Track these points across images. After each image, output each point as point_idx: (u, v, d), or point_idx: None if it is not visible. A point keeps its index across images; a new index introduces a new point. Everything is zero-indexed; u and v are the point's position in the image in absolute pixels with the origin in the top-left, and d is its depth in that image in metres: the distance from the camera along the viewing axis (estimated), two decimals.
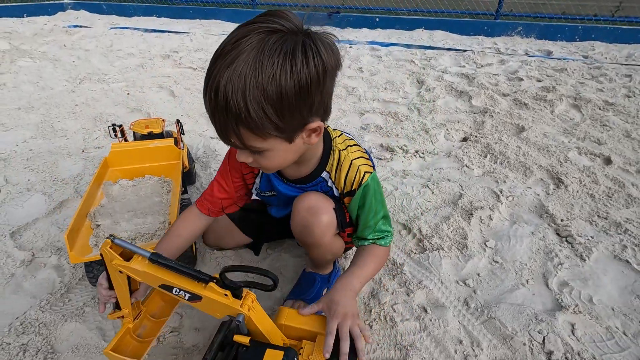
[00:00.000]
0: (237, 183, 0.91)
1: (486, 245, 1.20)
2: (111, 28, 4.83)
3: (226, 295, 0.62)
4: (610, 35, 4.19)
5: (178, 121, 1.38)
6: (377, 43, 4.10)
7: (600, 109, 2.29)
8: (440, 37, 4.53)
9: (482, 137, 1.93)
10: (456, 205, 1.40)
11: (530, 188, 1.52)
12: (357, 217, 0.86)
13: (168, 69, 3.03)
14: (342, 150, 0.82)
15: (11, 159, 1.60)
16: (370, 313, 0.95)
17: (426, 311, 0.96)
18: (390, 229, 0.89)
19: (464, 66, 3.27)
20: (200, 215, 0.91)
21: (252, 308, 0.64)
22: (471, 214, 1.33)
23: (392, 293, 1.01)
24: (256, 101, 0.57)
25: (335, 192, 0.85)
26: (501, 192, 1.47)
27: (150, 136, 1.30)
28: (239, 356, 0.65)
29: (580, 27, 4.25)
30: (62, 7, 5.98)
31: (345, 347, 0.67)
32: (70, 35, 4.29)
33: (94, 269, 0.92)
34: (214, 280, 0.63)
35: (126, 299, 0.73)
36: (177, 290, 0.65)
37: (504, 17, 4.59)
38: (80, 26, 4.88)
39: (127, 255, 0.67)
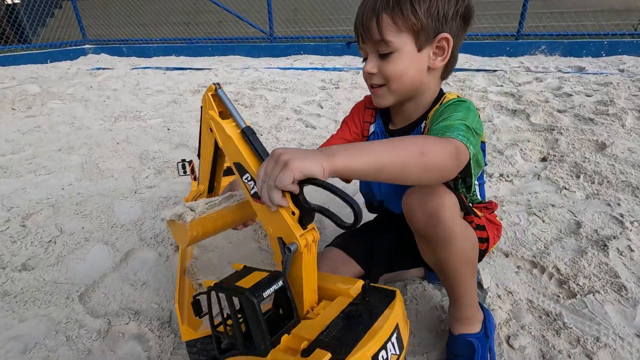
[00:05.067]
0: (356, 131, 0.91)
1: None
2: (133, 69, 4.89)
3: (294, 213, 0.52)
4: (639, 47, 4.14)
5: None
6: None
7: None
8: (462, 59, 4.50)
9: (563, 156, 1.76)
10: (579, 235, 1.20)
11: None
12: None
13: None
14: (450, 93, 0.79)
15: (60, 205, 1.44)
16: None
17: None
18: (469, 135, 0.65)
19: (502, 85, 3.18)
20: None
21: (309, 246, 0.53)
22: (605, 246, 1.13)
23: (569, 356, 0.79)
24: None
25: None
26: (622, 217, 1.28)
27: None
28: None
29: (606, 42, 4.21)
30: (84, 52, 6.14)
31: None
32: (95, 77, 4.32)
33: (197, 348, 0.72)
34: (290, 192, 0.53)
35: (207, 170, 0.73)
36: (248, 179, 0.60)
37: (525, 37, 4.58)
38: (103, 68, 4.94)
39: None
